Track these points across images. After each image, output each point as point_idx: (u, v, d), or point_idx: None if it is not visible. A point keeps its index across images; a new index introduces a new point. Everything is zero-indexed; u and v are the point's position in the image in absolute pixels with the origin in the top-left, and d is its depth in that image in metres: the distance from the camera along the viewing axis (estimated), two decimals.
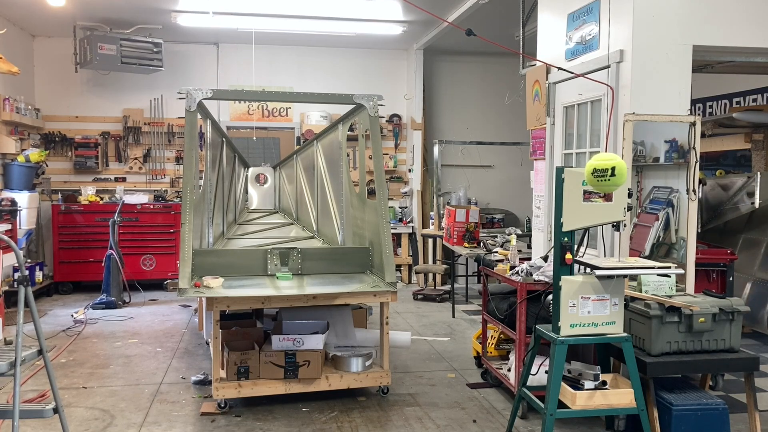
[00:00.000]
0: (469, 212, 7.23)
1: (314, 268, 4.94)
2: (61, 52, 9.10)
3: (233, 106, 9.88)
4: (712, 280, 5.48)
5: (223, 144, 6.50)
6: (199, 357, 5.79)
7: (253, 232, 6.96)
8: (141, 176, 9.62)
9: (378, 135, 4.89)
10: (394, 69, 10.27)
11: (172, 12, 8.05)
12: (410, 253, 9.97)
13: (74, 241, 8.70)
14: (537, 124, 5.90)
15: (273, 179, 8.84)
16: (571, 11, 5.33)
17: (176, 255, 8.17)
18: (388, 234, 4.61)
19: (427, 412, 4.51)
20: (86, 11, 8.08)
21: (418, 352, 5.99)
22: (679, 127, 4.59)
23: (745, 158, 7.60)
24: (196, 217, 4.60)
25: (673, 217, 4.93)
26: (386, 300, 4.60)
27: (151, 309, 7.88)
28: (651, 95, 4.51)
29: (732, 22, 4.65)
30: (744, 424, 4.10)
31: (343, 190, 5.78)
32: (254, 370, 4.46)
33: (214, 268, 4.66)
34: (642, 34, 4.50)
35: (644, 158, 4.93)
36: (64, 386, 4.94)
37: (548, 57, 5.64)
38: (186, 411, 4.50)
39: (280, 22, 8.39)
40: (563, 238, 3.56)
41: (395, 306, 7.71)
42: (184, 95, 4.56)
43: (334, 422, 4.30)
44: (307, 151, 7.30)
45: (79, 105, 9.44)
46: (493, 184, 10.51)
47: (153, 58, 8.74)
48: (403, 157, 10.38)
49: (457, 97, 10.59)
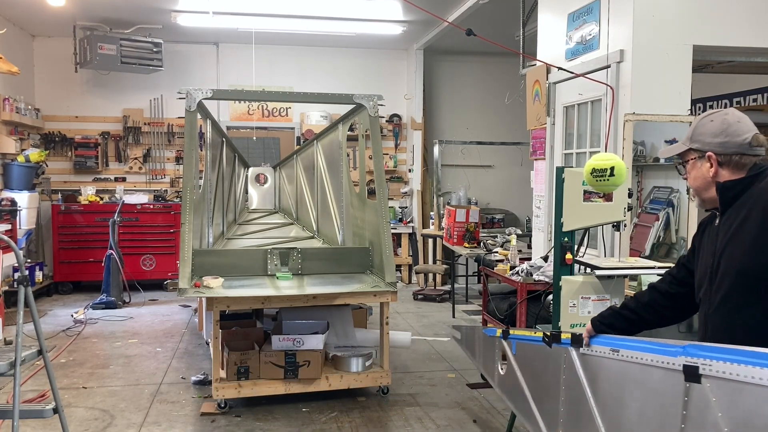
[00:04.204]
0: (469, 212, 7.23)
1: (314, 268, 4.94)
2: (61, 52, 9.09)
3: (233, 106, 9.88)
4: None
5: (223, 144, 6.50)
6: (199, 357, 5.79)
7: (253, 232, 6.96)
8: (141, 176, 9.62)
9: (378, 135, 4.88)
10: (394, 69, 10.27)
11: (172, 12, 8.04)
12: (410, 253, 9.97)
13: (74, 241, 8.70)
14: (537, 124, 5.90)
15: (273, 179, 8.84)
16: (571, 11, 5.33)
17: (176, 255, 8.16)
18: (388, 234, 4.61)
19: (428, 412, 4.50)
20: (86, 11, 8.08)
21: (418, 352, 5.99)
22: (679, 127, 4.59)
23: None
24: (196, 217, 4.59)
25: (674, 217, 4.93)
26: (386, 300, 4.60)
27: (151, 309, 7.88)
28: (651, 95, 4.51)
29: (732, 22, 4.65)
30: None
31: (343, 190, 5.78)
32: (254, 370, 4.46)
33: (214, 268, 4.66)
34: (642, 34, 4.50)
35: (644, 158, 4.93)
36: (64, 386, 4.94)
37: (548, 57, 5.64)
38: (186, 411, 4.50)
39: (280, 22, 8.39)
40: (563, 238, 3.55)
41: (395, 306, 7.70)
42: (184, 95, 4.56)
43: (334, 422, 4.30)
44: (307, 151, 7.30)
45: (79, 105, 9.44)
46: (493, 184, 10.50)
47: (153, 58, 8.73)
48: (403, 157, 10.38)
49: (457, 97, 10.59)
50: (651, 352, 2.10)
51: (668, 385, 1.98)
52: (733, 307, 2.15)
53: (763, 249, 2.08)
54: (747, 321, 2.12)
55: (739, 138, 2.19)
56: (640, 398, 2.17)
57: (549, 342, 2.78)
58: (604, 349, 2.37)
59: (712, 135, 2.25)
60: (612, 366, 2.33)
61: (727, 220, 2.20)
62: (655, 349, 2.09)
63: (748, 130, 2.22)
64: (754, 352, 1.71)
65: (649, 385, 2.11)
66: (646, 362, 2.11)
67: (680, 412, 1.90)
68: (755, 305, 2.11)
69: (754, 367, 1.68)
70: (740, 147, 2.18)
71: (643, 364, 2.12)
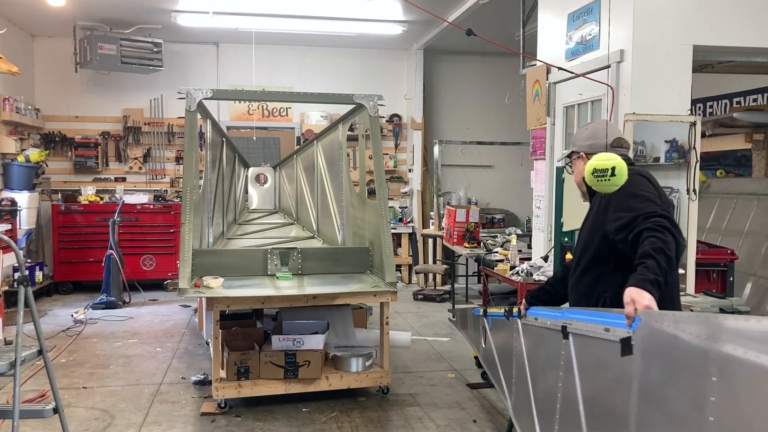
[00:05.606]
0: (469, 212, 7.23)
1: (314, 268, 4.93)
2: (61, 52, 9.09)
3: (233, 106, 9.88)
4: (712, 280, 5.48)
5: (223, 144, 6.50)
6: (199, 357, 5.79)
7: (253, 232, 6.96)
8: (141, 176, 9.62)
9: (378, 135, 4.88)
10: (394, 69, 10.27)
11: (172, 12, 8.04)
12: (410, 253, 9.97)
13: (74, 241, 8.70)
14: (537, 124, 5.90)
15: (273, 179, 8.83)
16: (571, 11, 5.33)
17: (176, 255, 8.16)
18: (388, 234, 4.61)
19: (428, 412, 4.50)
20: (86, 11, 8.08)
21: (418, 352, 5.99)
22: (679, 127, 4.59)
23: (745, 158, 7.60)
24: (196, 217, 4.59)
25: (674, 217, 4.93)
26: (386, 300, 4.60)
27: (151, 309, 7.88)
28: (651, 95, 4.51)
29: (732, 22, 4.65)
30: None
31: (343, 190, 5.78)
32: (254, 370, 4.46)
33: (214, 268, 4.66)
34: (642, 34, 4.49)
35: (644, 158, 4.93)
36: (64, 386, 4.94)
37: (548, 57, 5.64)
38: (186, 411, 4.50)
39: (281, 22, 8.39)
40: (563, 238, 3.56)
41: (395, 306, 7.70)
42: (184, 95, 4.56)
43: (334, 422, 4.29)
44: (307, 151, 7.30)
45: (79, 105, 9.44)
46: (493, 184, 10.50)
47: (153, 58, 8.74)
48: (403, 157, 10.38)
49: (457, 97, 10.59)
50: (549, 318, 2.72)
51: (556, 341, 2.56)
52: (581, 276, 2.74)
53: (598, 228, 2.65)
54: (587, 287, 2.70)
55: (603, 141, 2.78)
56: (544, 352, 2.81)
57: (507, 316, 3.37)
58: (531, 319, 2.98)
59: (584, 139, 2.87)
60: (534, 331, 2.95)
61: (590, 206, 2.80)
62: (550, 315, 2.71)
63: (612, 134, 2.81)
64: (592, 312, 2.31)
65: (548, 342, 2.73)
66: (547, 326, 2.73)
67: (560, 361, 2.53)
68: (591, 273, 2.68)
69: (589, 323, 2.28)
70: (603, 147, 2.75)
71: (547, 327, 2.73)
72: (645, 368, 1.95)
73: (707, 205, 6.95)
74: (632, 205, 2.46)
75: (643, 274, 2.16)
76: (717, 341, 1.62)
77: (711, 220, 7.01)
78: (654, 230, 2.30)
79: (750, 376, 1.53)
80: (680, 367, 1.79)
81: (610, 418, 2.20)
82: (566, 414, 2.52)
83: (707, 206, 6.94)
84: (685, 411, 1.76)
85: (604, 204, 2.60)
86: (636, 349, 1.97)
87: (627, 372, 2.02)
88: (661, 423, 1.86)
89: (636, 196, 2.50)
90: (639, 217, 2.38)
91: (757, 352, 1.50)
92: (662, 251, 2.23)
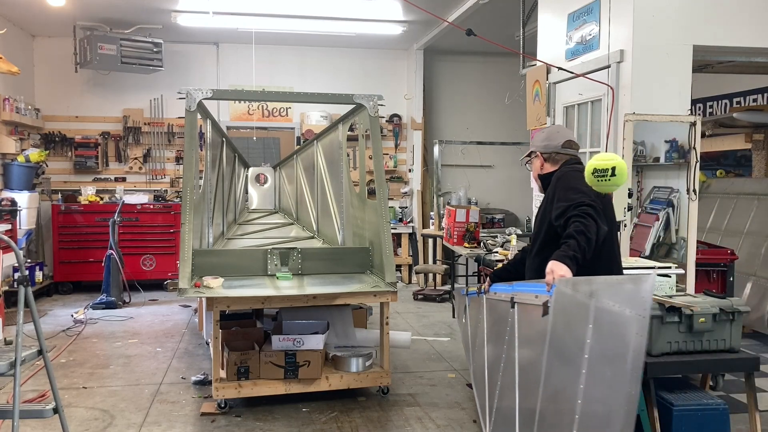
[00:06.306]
0: (469, 212, 7.22)
1: (314, 268, 4.93)
2: (61, 52, 9.09)
3: (233, 106, 9.88)
4: (712, 280, 5.48)
5: (223, 144, 6.50)
6: (199, 357, 5.79)
7: (253, 232, 6.96)
8: (141, 176, 9.62)
9: (378, 135, 4.88)
10: (394, 69, 10.27)
11: (172, 12, 8.04)
12: (410, 253, 9.97)
13: (74, 241, 8.70)
14: (537, 124, 5.90)
15: (273, 179, 8.83)
16: (571, 11, 5.33)
17: (176, 255, 8.16)
18: (388, 234, 4.61)
19: (428, 412, 4.50)
20: (86, 11, 8.08)
21: (418, 352, 5.99)
22: (679, 127, 4.59)
23: (745, 158, 7.61)
24: (196, 217, 4.59)
25: (674, 217, 4.94)
26: (386, 300, 4.60)
27: (151, 309, 7.88)
28: (651, 95, 4.51)
29: (732, 22, 4.65)
30: (744, 425, 4.10)
31: (343, 190, 5.78)
32: (254, 370, 4.46)
33: (214, 268, 4.65)
34: (642, 34, 4.50)
35: (644, 158, 4.94)
36: (64, 386, 4.94)
37: (548, 57, 5.64)
38: (186, 411, 4.50)
39: (281, 22, 8.39)
40: None
41: (395, 306, 7.70)
42: (184, 95, 4.56)
43: (334, 422, 4.29)
44: (307, 151, 7.30)
45: (79, 105, 9.44)
46: (493, 184, 10.50)
47: (153, 58, 8.73)
48: (403, 157, 10.38)
49: (457, 97, 10.59)
50: (503, 291, 3.24)
51: (507, 311, 3.09)
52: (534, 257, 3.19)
53: (546, 217, 3.09)
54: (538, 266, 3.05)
55: (555, 141, 3.25)
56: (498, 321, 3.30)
57: (478, 292, 3.88)
58: (492, 294, 3.55)
59: (540, 140, 3.33)
60: (494, 304, 3.48)
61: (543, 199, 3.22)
62: (504, 289, 3.24)
63: (564, 137, 3.28)
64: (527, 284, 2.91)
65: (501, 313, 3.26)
66: (501, 298, 3.25)
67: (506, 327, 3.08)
68: (541, 255, 3.07)
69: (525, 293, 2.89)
70: (555, 148, 3.24)
71: (501, 300, 3.26)
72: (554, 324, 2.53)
73: (707, 205, 6.95)
74: (568, 196, 2.91)
75: (563, 251, 2.64)
76: (594, 296, 2.26)
77: (711, 221, 7.01)
78: (579, 216, 2.75)
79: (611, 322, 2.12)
80: (573, 320, 2.37)
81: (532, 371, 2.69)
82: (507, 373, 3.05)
83: (707, 206, 6.95)
84: (573, 353, 2.30)
85: (551, 196, 3.04)
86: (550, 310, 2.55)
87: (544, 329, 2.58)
88: (558, 366, 2.44)
89: (572, 188, 2.95)
90: (571, 206, 2.83)
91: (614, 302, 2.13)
92: (582, 233, 2.68)
